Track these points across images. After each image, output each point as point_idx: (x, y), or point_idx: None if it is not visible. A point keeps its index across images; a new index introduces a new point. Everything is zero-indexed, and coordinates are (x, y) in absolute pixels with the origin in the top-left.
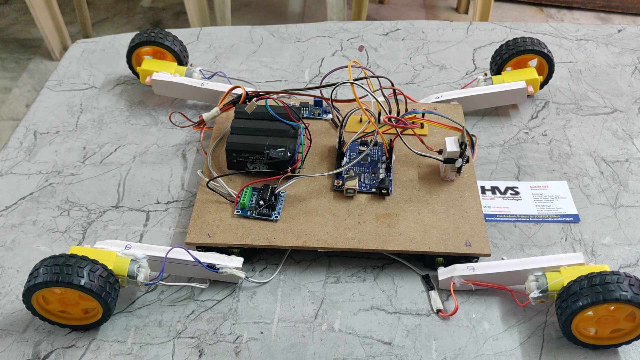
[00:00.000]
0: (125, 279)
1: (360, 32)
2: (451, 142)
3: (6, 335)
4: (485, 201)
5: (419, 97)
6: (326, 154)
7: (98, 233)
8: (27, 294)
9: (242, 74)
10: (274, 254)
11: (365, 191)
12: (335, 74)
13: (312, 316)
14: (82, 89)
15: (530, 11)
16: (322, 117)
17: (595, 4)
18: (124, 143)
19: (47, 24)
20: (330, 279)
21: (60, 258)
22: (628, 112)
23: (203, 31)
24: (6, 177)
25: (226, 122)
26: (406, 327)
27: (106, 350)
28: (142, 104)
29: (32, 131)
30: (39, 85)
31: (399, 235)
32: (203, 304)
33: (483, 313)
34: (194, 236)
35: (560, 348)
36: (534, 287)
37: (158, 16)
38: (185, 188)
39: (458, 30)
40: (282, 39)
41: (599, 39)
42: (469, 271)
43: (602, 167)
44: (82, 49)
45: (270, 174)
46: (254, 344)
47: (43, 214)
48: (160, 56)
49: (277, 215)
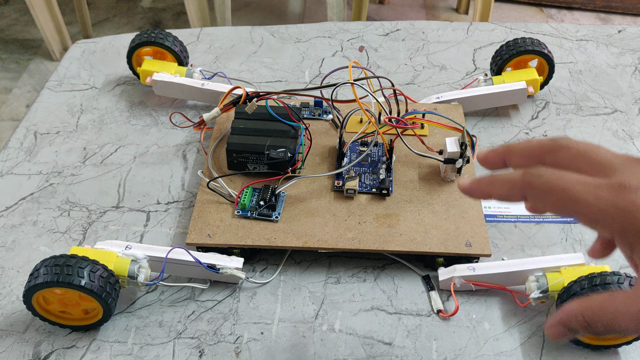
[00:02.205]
0: (126, 280)
1: (360, 33)
2: (451, 143)
3: (7, 336)
4: (485, 201)
5: (419, 97)
6: (326, 154)
7: (98, 233)
8: (27, 295)
9: (242, 75)
10: (274, 255)
11: (366, 191)
12: (335, 75)
13: (313, 316)
14: (82, 90)
15: (530, 11)
16: (323, 117)
17: (596, 5)
18: (125, 143)
19: (48, 24)
20: (330, 279)
21: (60, 258)
22: (628, 112)
23: (203, 32)
24: (6, 177)
25: (226, 123)
26: (406, 327)
27: (106, 351)
28: (143, 105)
29: (33, 131)
30: (39, 85)
31: (400, 236)
32: (203, 304)
33: (483, 313)
34: (195, 236)
35: (560, 348)
36: (534, 288)
37: (158, 17)
38: (185, 188)
39: (458, 31)
40: (282, 39)
41: (599, 40)
42: (469, 272)
43: None
44: (82, 49)
45: (271, 175)
46: (255, 344)
47: (43, 214)
48: (160, 57)
49: (278, 215)
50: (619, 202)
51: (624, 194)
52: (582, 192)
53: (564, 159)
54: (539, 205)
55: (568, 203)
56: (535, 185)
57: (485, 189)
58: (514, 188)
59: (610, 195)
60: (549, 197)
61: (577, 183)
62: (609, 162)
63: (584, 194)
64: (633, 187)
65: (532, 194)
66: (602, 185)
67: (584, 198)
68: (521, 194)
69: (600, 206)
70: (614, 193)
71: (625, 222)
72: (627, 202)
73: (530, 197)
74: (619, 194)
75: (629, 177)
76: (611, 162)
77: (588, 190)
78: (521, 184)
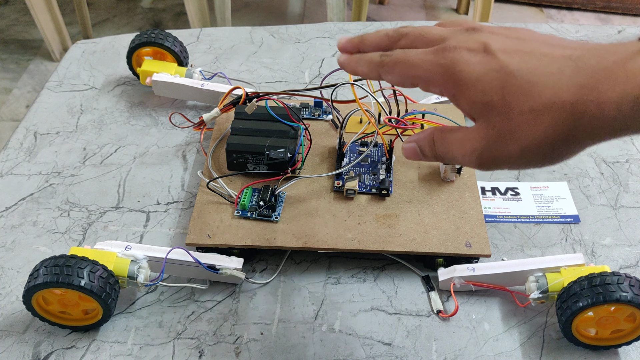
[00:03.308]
0: (126, 280)
1: (360, 33)
2: None
3: (6, 336)
4: (485, 202)
5: (419, 97)
6: (326, 154)
7: (98, 234)
8: (27, 295)
9: (242, 75)
10: (274, 255)
11: (366, 192)
12: (335, 75)
13: (312, 317)
14: (82, 90)
15: (530, 12)
16: (322, 117)
17: (596, 5)
18: (124, 144)
19: (48, 24)
20: (330, 279)
21: (60, 259)
22: None
23: (203, 32)
24: (6, 177)
25: (226, 123)
26: (406, 327)
27: (106, 351)
28: (142, 105)
29: (32, 132)
30: (39, 86)
31: (399, 236)
32: (203, 304)
33: (483, 314)
34: (194, 237)
35: (560, 349)
36: (534, 288)
37: (158, 17)
38: (185, 189)
39: None
40: (282, 39)
41: (599, 40)
42: (469, 272)
43: (602, 167)
44: (82, 49)
45: (271, 175)
46: (254, 344)
47: (43, 214)
48: (160, 57)
49: (277, 216)
50: (440, 60)
51: (444, 53)
52: (415, 59)
53: (407, 44)
54: (389, 78)
55: (406, 70)
56: (385, 62)
57: (353, 65)
58: (371, 65)
59: (434, 56)
60: (395, 69)
61: (414, 54)
62: (440, 35)
63: (417, 60)
64: (452, 47)
65: (384, 69)
66: (430, 51)
67: (417, 63)
68: (377, 72)
69: (427, 67)
70: (438, 54)
71: (446, 76)
72: (447, 59)
73: (382, 73)
74: (441, 54)
75: (450, 41)
76: (441, 35)
77: (419, 57)
78: (376, 63)
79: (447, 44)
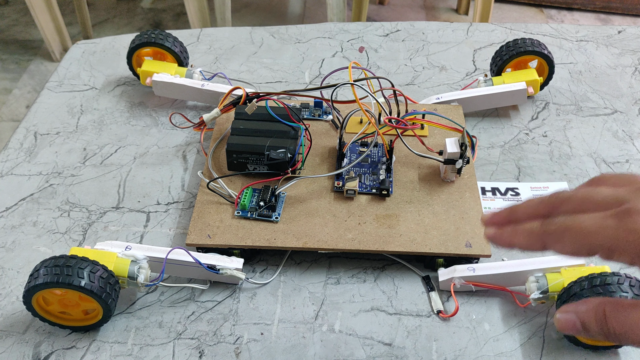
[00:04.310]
0: (126, 280)
1: (360, 33)
2: (451, 143)
3: (6, 337)
4: (485, 202)
5: (419, 98)
6: (326, 155)
7: (98, 234)
8: (27, 295)
9: (242, 75)
10: (274, 255)
11: (366, 192)
12: (335, 75)
13: (313, 317)
14: (82, 90)
15: (530, 12)
16: (323, 118)
17: (595, 5)
18: (125, 144)
19: (48, 25)
20: (330, 280)
21: (60, 259)
22: (628, 113)
23: (203, 32)
24: (6, 178)
25: (226, 123)
26: (406, 328)
27: (106, 351)
28: (143, 105)
29: (33, 132)
30: (39, 86)
31: (399, 236)
32: (203, 305)
33: (483, 314)
34: (195, 237)
35: (560, 349)
36: (534, 288)
37: (158, 17)
38: (185, 189)
39: (458, 32)
40: (282, 40)
41: (599, 40)
42: (469, 272)
43: (602, 168)
44: (82, 50)
45: (271, 175)
46: (254, 345)
47: (43, 215)
48: (160, 57)
49: (278, 216)
50: (628, 225)
51: (631, 217)
52: (592, 225)
53: (571, 208)
54: (558, 248)
55: (581, 238)
56: (550, 231)
57: (507, 239)
58: (532, 236)
59: (618, 222)
60: (564, 238)
61: (587, 219)
62: (613, 196)
63: (594, 226)
64: (637, 210)
65: (550, 239)
66: (609, 215)
67: (594, 230)
68: (540, 243)
69: (610, 233)
70: (622, 219)
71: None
72: (637, 224)
73: (549, 243)
74: (627, 218)
75: (633, 203)
76: (615, 196)
77: (597, 222)
78: (538, 233)
79: (629, 206)
